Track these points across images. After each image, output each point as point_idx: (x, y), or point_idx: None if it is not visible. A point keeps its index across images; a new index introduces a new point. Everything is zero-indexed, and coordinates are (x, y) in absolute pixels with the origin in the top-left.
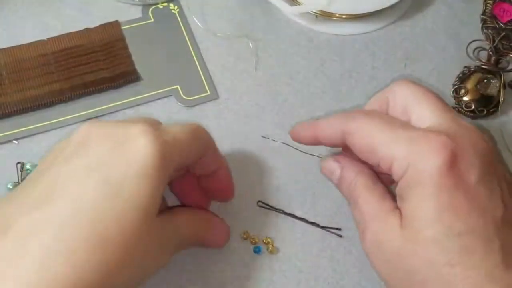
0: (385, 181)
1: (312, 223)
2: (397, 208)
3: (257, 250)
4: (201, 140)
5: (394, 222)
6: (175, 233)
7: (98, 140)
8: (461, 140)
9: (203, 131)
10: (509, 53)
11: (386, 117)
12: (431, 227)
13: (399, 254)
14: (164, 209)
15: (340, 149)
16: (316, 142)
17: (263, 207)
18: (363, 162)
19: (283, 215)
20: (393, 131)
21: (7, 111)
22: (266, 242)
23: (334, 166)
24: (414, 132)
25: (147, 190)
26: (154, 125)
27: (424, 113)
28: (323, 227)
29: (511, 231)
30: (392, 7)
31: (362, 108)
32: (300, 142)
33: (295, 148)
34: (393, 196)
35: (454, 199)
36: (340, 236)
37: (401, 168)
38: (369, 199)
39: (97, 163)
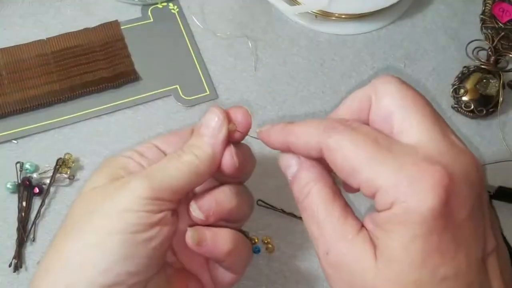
0: (349, 189)
1: None
2: (362, 227)
3: (256, 250)
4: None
5: (366, 250)
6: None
7: (95, 178)
8: (455, 170)
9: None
10: (509, 53)
11: (372, 133)
12: (415, 271)
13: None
14: None
15: None
16: (287, 150)
17: (263, 206)
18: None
19: (283, 215)
20: (380, 153)
21: (6, 111)
22: (265, 241)
23: (292, 162)
24: (405, 158)
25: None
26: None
27: (412, 125)
28: None
29: (486, 269)
30: (391, 7)
31: (344, 111)
32: (269, 145)
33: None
34: (353, 212)
35: (443, 241)
36: None
37: (386, 200)
38: (330, 214)
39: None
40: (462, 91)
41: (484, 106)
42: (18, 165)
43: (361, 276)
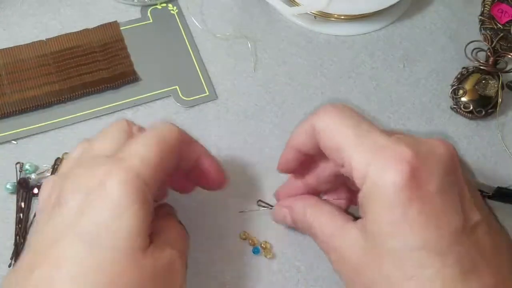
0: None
1: None
2: (354, 219)
3: (256, 251)
4: (170, 146)
5: (354, 235)
6: (173, 253)
7: (71, 195)
8: (421, 147)
9: (168, 132)
10: (507, 54)
11: (355, 116)
12: (386, 241)
13: (358, 268)
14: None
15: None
16: (298, 157)
17: (263, 206)
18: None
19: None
20: (359, 134)
21: (6, 112)
22: (264, 246)
23: (283, 211)
24: (379, 140)
25: (127, 230)
26: (118, 154)
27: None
28: None
29: (469, 241)
30: (391, 8)
31: (299, 130)
32: (288, 168)
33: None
34: (343, 210)
35: (409, 213)
36: None
37: (360, 177)
38: (321, 219)
39: (73, 218)
40: (461, 92)
41: (483, 107)
42: (18, 165)
43: (352, 260)
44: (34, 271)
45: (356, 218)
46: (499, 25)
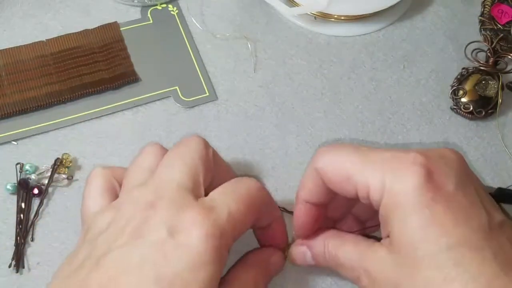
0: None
1: None
2: (377, 240)
3: None
4: (255, 205)
5: (383, 253)
6: None
7: (154, 226)
8: (430, 153)
9: (256, 190)
10: (507, 54)
11: (351, 146)
12: (419, 247)
13: (396, 283)
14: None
15: None
16: (311, 211)
17: None
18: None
19: (285, 214)
20: (364, 155)
21: (6, 112)
22: None
23: (301, 250)
24: (385, 154)
25: (200, 284)
26: (207, 201)
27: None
28: None
29: (500, 237)
30: (391, 8)
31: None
32: (304, 228)
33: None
34: (364, 236)
35: (436, 213)
36: None
37: (377, 192)
38: (345, 248)
39: (151, 255)
40: (461, 92)
41: (483, 108)
42: (18, 166)
43: (385, 278)
44: None
45: (378, 239)
46: (499, 25)
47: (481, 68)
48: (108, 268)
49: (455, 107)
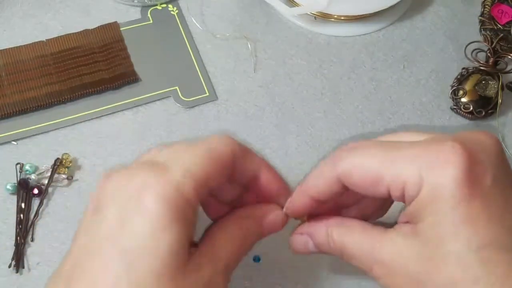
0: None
1: None
2: (389, 228)
3: (256, 259)
4: (222, 160)
5: (402, 242)
6: (215, 269)
7: (109, 203)
8: (467, 141)
9: (222, 144)
10: (507, 54)
11: (373, 141)
12: (450, 243)
13: (416, 277)
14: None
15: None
16: (313, 204)
17: None
18: (327, 212)
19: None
20: (392, 151)
21: (6, 112)
22: None
23: (303, 239)
24: (415, 148)
25: (164, 249)
26: (159, 164)
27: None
28: None
29: None
30: (391, 8)
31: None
32: (298, 214)
33: None
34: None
35: (472, 210)
36: None
37: (414, 187)
38: (354, 237)
39: (111, 232)
40: (461, 92)
41: (483, 108)
42: (18, 166)
43: (405, 268)
44: (71, 286)
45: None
46: (499, 25)
47: (481, 68)
48: (74, 254)
49: (455, 107)
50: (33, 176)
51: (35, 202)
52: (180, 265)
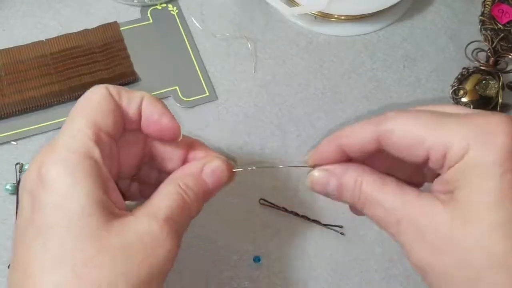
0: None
1: (314, 221)
2: (422, 192)
3: (257, 260)
4: (98, 109)
5: (438, 205)
6: (150, 221)
7: (23, 194)
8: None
9: (92, 94)
10: (508, 54)
11: (421, 108)
12: (492, 212)
13: (450, 239)
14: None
15: None
16: (341, 155)
17: (265, 205)
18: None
19: (285, 214)
20: (439, 119)
21: (5, 112)
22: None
23: (325, 177)
24: (463, 118)
25: (77, 210)
26: (49, 144)
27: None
28: (325, 225)
29: None
30: (391, 8)
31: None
32: (323, 161)
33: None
34: (405, 182)
35: None
36: (342, 234)
37: (459, 152)
38: (387, 189)
39: (28, 219)
40: (461, 92)
41: (484, 107)
42: (18, 166)
43: (436, 230)
44: (13, 276)
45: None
46: (499, 25)
47: (482, 68)
48: (14, 242)
49: None
50: None
51: None
52: (101, 223)
